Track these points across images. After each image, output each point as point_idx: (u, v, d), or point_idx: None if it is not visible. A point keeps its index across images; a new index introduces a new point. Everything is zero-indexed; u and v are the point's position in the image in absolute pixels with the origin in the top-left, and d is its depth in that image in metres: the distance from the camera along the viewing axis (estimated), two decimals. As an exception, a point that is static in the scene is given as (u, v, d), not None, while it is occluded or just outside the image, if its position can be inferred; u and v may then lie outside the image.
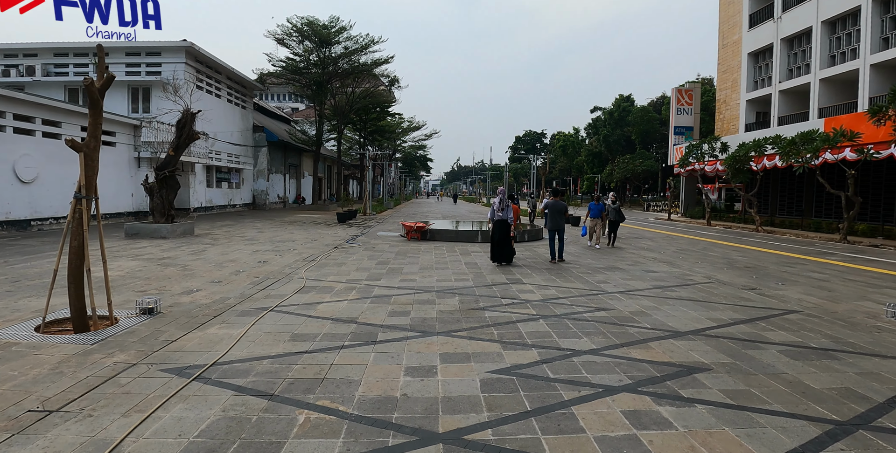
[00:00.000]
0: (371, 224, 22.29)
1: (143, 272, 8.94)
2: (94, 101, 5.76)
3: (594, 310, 6.66)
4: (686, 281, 9.23)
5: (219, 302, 6.87)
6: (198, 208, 25.14)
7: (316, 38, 32.73)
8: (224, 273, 9.07)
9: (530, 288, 8.08)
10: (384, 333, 5.42)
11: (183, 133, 14.19)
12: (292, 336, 5.31)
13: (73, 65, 24.90)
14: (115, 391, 3.93)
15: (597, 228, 14.39)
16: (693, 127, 34.61)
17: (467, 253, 12.53)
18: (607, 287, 8.35)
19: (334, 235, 16.51)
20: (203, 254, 11.30)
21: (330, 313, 6.29)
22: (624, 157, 57.41)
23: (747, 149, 22.00)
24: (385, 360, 4.57)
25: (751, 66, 28.52)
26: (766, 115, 28.03)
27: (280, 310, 6.45)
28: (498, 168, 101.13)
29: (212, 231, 16.80)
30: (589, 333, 5.48)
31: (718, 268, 10.90)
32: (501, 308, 6.65)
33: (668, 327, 5.87)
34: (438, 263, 10.68)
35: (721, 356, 4.84)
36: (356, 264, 10.40)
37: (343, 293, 7.51)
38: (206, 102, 26.35)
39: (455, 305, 6.76)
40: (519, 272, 9.73)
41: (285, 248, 12.70)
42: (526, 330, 5.58)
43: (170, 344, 5.07)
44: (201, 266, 9.77)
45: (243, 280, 8.48)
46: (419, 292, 7.62)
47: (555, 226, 11.33)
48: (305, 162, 40.65)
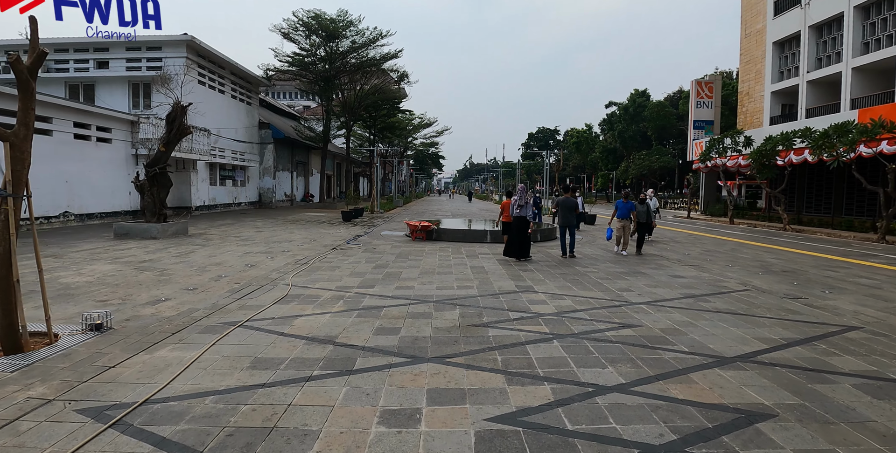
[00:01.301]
0: (377, 223, 21.41)
1: (115, 278, 8.12)
2: (22, 82, 4.88)
3: (618, 326, 5.65)
4: (719, 288, 8.17)
5: (184, 314, 5.99)
6: (200, 207, 24.48)
7: (323, 33, 31.90)
8: (203, 278, 8.21)
9: (543, 297, 7.09)
10: (364, 358, 4.48)
11: (173, 127, 13.39)
12: (253, 362, 4.40)
13: (73, 60, 24.34)
14: (6, 443, 3.04)
15: (625, 232, 12.16)
16: (713, 121, 33.20)
17: (474, 255, 11.56)
18: (631, 296, 7.33)
19: (335, 235, 15.64)
20: (188, 257, 10.47)
21: (306, 330, 5.37)
22: (640, 154, 55.91)
23: (775, 142, 20.70)
24: (357, 400, 3.63)
25: (776, 55, 27.10)
26: (793, 108, 26.60)
27: (250, 325, 5.54)
28: (510, 165, 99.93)
29: (207, 231, 16.03)
30: (614, 360, 4.49)
31: (753, 273, 9.80)
32: (508, 324, 5.67)
33: (710, 351, 4.86)
34: (441, 267, 9.73)
35: (784, 394, 3.83)
36: (351, 268, 9.49)
37: (328, 304, 6.59)
38: (208, 98, 25.70)
39: (454, 320, 5.80)
40: (530, 277, 8.74)
41: (279, 250, 11.84)
42: (537, 354, 4.61)
43: (105, 371, 4.19)
44: (181, 270, 8.93)
45: (222, 287, 7.60)
46: (415, 302, 6.67)
47: (566, 222, 11.52)
48: (314, 159, 39.91)
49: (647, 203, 12.55)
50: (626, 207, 12.10)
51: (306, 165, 39.48)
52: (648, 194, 14.24)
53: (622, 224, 12.15)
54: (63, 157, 16.38)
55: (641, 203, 12.60)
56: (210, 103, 25.91)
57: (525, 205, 10.74)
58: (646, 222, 12.53)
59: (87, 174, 17.32)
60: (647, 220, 12.58)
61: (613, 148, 66.05)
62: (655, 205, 14.91)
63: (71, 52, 24.34)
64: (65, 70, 24.37)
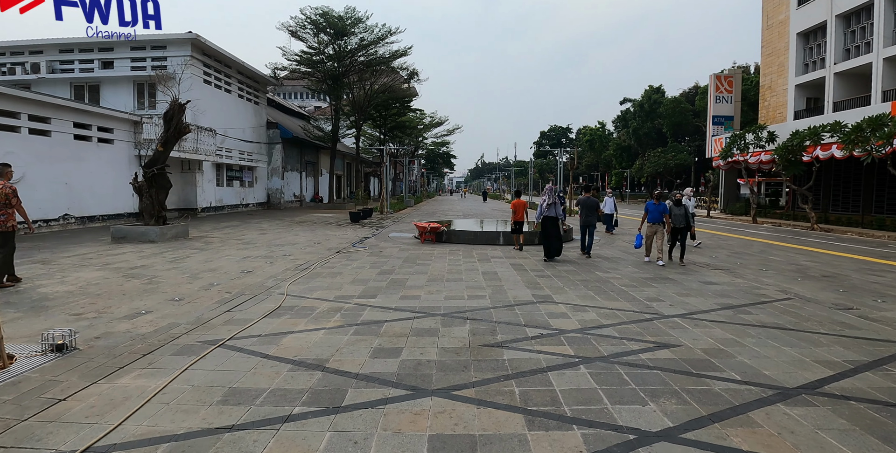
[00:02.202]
0: (386, 223, 20.76)
1: (98, 286, 7.53)
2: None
3: (653, 346, 4.90)
4: (758, 297, 7.37)
5: (162, 331, 5.35)
6: (206, 208, 24.03)
7: (331, 31, 31.33)
8: (193, 287, 7.60)
9: (563, 309, 6.35)
10: (357, 390, 3.79)
11: (171, 126, 12.84)
12: (226, 394, 3.74)
13: (78, 61, 24.03)
14: None
15: (657, 238, 10.34)
16: (733, 116, 32.10)
17: (486, 259, 10.83)
18: (662, 307, 6.56)
19: (342, 237, 15.00)
20: (183, 262, 9.88)
21: (295, 351, 4.70)
22: (655, 151, 54.75)
23: (802, 137, 19.69)
24: (343, 450, 2.94)
25: (800, 47, 25.99)
26: (818, 101, 25.48)
27: (232, 345, 4.89)
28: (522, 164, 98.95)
29: (210, 233, 15.48)
30: (656, 394, 3.75)
31: (791, 279, 8.97)
32: (526, 343, 4.95)
33: (767, 379, 4.10)
34: (451, 273, 9.02)
35: (872, 443, 3.07)
36: (353, 274, 8.82)
37: (324, 317, 5.92)
38: (215, 97, 25.27)
39: (464, 338, 5.10)
40: (548, 285, 8.00)
41: (280, 254, 11.22)
42: (562, 385, 3.88)
43: (52, 406, 3.55)
44: (172, 277, 8.33)
45: (211, 297, 6.97)
46: (420, 316, 5.98)
47: (587, 222, 11.37)
48: (323, 159, 39.41)
49: (685, 204, 10.65)
50: (658, 210, 10.21)
51: (315, 165, 39.00)
52: (686, 193, 12.49)
53: (654, 230, 10.31)
54: (63, 159, 15.94)
55: (677, 204, 10.42)
56: (216, 103, 25.49)
57: (554, 204, 10.74)
58: (684, 226, 10.44)
59: (88, 175, 16.88)
60: (686, 225, 10.47)
61: (627, 145, 64.86)
62: (693, 206, 13.11)
63: (76, 53, 24.03)
64: (70, 71, 24.06)
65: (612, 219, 17.02)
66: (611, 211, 17.07)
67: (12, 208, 7.27)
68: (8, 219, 7.24)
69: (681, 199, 10.52)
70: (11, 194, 7.24)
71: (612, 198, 17.36)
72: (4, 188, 7.20)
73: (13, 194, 7.26)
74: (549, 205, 10.79)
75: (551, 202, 10.81)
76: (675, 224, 10.38)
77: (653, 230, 10.37)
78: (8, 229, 7.25)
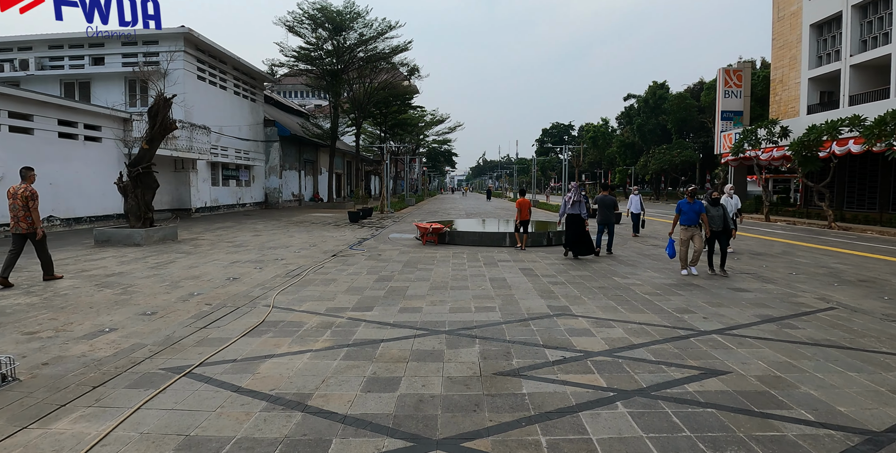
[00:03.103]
0: (386, 223, 20.02)
1: (66, 298, 6.79)
2: None
3: (698, 373, 4.15)
4: (798, 306, 6.61)
5: (123, 354, 4.62)
6: (201, 208, 23.30)
7: (329, 26, 30.54)
8: (171, 298, 6.86)
9: (584, 324, 5.59)
10: (343, 441, 3.04)
11: (156, 122, 12.10)
12: (181, 445, 2.99)
13: (68, 57, 23.31)
14: None
15: (695, 242, 8.71)
16: (742, 111, 31.26)
17: (493, 263, 10.08)
18: (695, 321, 5.80)
19: (339, 238, 14.26)
20: (166, 268, 9.15)
21: (273, 382, 3.95)
22: (660, 148, 53.86)
23: (819, 132, 18.88)
24: None
25: (813, 39, 25.12)
26: (833, 95, 24.64)
27: (200, 373, 4.15)
28: (524, 162, 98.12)
29: (201, 235, 14.75)
30: (718, 445, 2.99)
31: (826, 284, 8.20)
32: (548, 370, 4.20)
33: (845, 419, 3.35)
34: (456, 279, 8.27)
35: None
36: (349, 281, 8.07)
37: (311, 336, 5.17)
38: (209, 94, 24.53)
39: (474, 364, 4.35)
40: (564, 293, 7.24)
41: (272, 258, 10.48)
42: (599, 433, 3.13)
43: (-41, 465, 2.81)
44: (150, 286, 7.59)
45: (188, 309, 6.23)
46: (422, 334, 5.23)
47: (604, 220, 11.27)
48: (322, 157, 38.64)
49: (724, 203, 9.09)
50: (692, 210, 8.66)
51: (315, 164, 38.26)
52: (727, 190, 11.25)
53: (689, 233, 8.68)
54: (46, 158, 15.23)
55: (715, 204, 8.91)
56: (211, 99, 24.75)
57: (579, 203, 10.62)
58: (721, 230, 8.89)
59: (74, 175, 16.17)
60: (724, 228, 8.92)
61: (631, 142, 63.96)
62: (737, 205, 11.48)
63: (66, 48, 23.31)
64: (59, 67, 23.34)
65: (639, 219, 15.57)
66: (638, 210, 15.53)
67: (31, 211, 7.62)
68: (33, 221, 7.64)
69: (718, 198, 9.04)
70: (31, 197, 7.58)
71: (638, 197, 15.71)
72: (25, 191, 7.56)
73: (32, 197, 7.59)
74: (575, 203, 10.61)
75: (577, 200, 10.62)
76: (714, 226, 8.83)
77: (688, 234, 8.73)
78: (32, 230, 7.64)
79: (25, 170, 7.84)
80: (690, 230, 8.73)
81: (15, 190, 7.57)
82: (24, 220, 7.56)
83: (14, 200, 7.52)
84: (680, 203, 8.85)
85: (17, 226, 7.56)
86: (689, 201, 8.75)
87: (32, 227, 7.60)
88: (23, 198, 7.51)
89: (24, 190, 7.54)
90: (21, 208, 7.52)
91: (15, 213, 7.55)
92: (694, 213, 8.68)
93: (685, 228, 8.77)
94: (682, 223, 8.80)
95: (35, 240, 7.68)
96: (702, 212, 8.69)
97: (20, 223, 7.55)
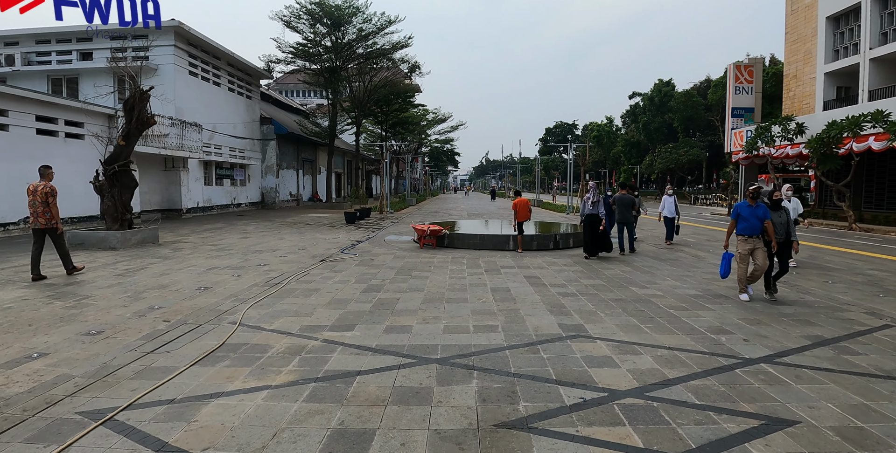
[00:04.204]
0: (384, 225, 19.14)
1: (7, 313, 5.93)
2: None
3: (757, 423, 3.24)
4: (849, 324, 5.69)
5: (41, 390, 3.75)
6: (193, 209, 22.45)
7: (328, 21, 29.65)
8: (126, 312, 5.99)
9: (605, 349, 4.68)
10: None
11: (133, 117, 11.24)
12: None
13: (55, 52, 22.54)
14: None
15: (757, 258, 6.76)
16: (754, 108, 30.25)
17: (495, 269, 9.17)
18: (735, 344, 4.89)
19: (332, 241, 13.39)
20: (134, 276, 8.28)
21: (208, 437, 3.06)
22: (667, 146, 52.87)
23: (840, 128, 17.90)
24: None
25: (829, 32, 24.11)
26: (851, 90, 23.63)
27: (123, 420, 3.26)
28: (528, 161, 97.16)
29: (185, 238, 13.89)
30: None
31: (870, 294, 7.28)
32: (565, 420, 3.29)
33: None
34: (453, 289, 7.38)
35: None
36: (333, 292, 7.19)
37: (275, 365, 4.28)
38: (202, 90, 23.67)
39: (469, 410, 3.44)
40: (576, 307, 6.33)
41: (253, 263, 9.61)
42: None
43: None
44: (108, 297, 6.73)
45: (141, 327, 5.36)
46: (409, 363, 4.33)
47: (623, 220, 11.14)
48: (321, 156, 37.77)
49: (785, 207, 7.42)
50: (755, 215, 6.74)
51: (314, 163, 37.41)
52: (784, 192, 9.33)
53: (750, 246, 6.80)
54: (23, 156, 14.41)
55: (776, 207, 7.01)
56: (204, 96, 23.91)
57: (598, 202, 10.42)
58: (784, 241, 7.05)
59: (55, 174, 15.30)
60: (787, 238, 7.07)
61: (637, 141, 63.01)
62: (798, 209, 9.72)
63: (53, 43, 22.54)
64: (47, 63, 22.57)
65: (673, 224, 13.02)
66: (672, 214, 12.87)
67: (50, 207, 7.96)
68: (52, 217, 7.97)
69: (780, 200, 7.18)
70: (50, 194, 7.94)
71: (672, 198, 12.94)
72: (45, 187, 7.93)
73: (52, 194, 7.97)
74: (594, 203, 10.43)
75: (596, 200, 10.44)
76: (778, 237, 6.93)
77: (749, 247, 6.81)
78: (53, 226, 7.96)
79: (44, 168, 8.25)
80: (751, 242, 6.81)
81: (35, 187, 7.93)
82: (42, 216, 7.91)
83: (34, 197, 7.90)
84: (738, 206, 6.93)
85: (37, 221, 7.92)
86: (750, 204, 6.81)
87: (51, 223, 7.92)
88: (42, 195, 7.88)
89: (43, 186, 7.92)
90: (41, 204, 7.89)
91: (35, 209, 7.92)
92: (757, 220, 6.75)
93: (744, 239, 6.84)
94: (740, 232, 6.89)
95: (54, 235, 8.00)
96: (766, 218, 6.79)
97: (39, 218, 7.91)
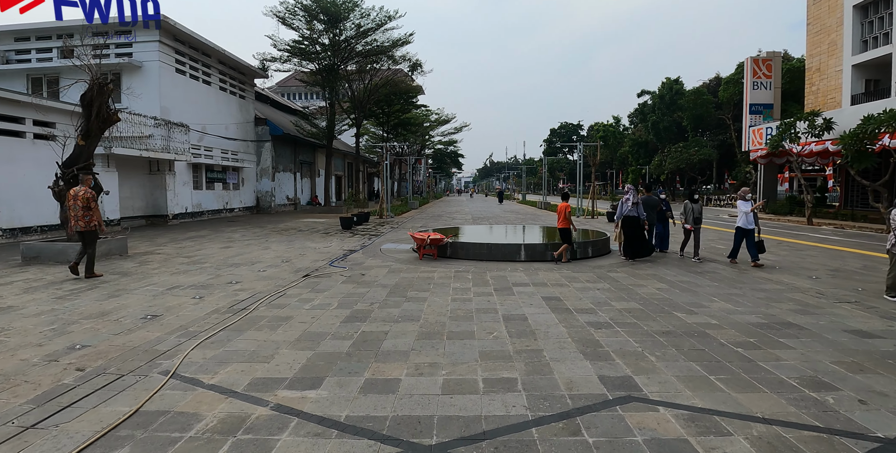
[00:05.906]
0: (383, 230, 17.74)
1: None
2: None
3: None
4: None
5: None
6: (181, 214, 21.14)
7: (325, 17, 28.35)
8: (35, 355, 4.63)
9: (674, 425, 3.27)
10: None
11: (91, 113, 9.93)
12: None
13: (35, 50, 21.34)
14: None
15: None
16: (773, 104, 28.79)
17: (507, 288, 7.76)
18: (850, 408, 3.47)
19: (322, 251, 12.02)
20: (76, 298, 6.93)
21: None
22: (676, 146, 51.29)
23: (878, 122, 16.43)
24: None
25: (857, 21, 22.63)
26: (881, 83, 22.13)
27: None
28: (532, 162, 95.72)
29: (160, 248, 12.55)
30: None
31: (976, 320, 5.83)
32: None
33: None
34: (456, 318, 5.97)
35: None
36: (307, 321, 5.80)
37: (193, 457, 2.90)
38: (189, 89, 22.39)
39: None
40: (619, 348, 4.91)
41: (224, 280, 8.24)
42: None
43: None
44: (27, 331, 5.37)
45: (42, 380, 3.99)
46: None
47: (648, 221, 10.90)
48: (320, 159, 36.44)
49: None
50: None
51: (312, 166, 36.09)
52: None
53: None
54: (4, 160, 13.16)
55: None
56: (192, 95, 22.63)
57: (637, 204, 10.41)
58: None
59: (21, 179, 14.07)
60: None
61: (644, 141, 61.47)
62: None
63: (33, 40, 21.34)
64: (26, 61, 21.37)
65: (751, 237, 9.82)
66: (750, 224, 9.77)
67: (91, 210, 8.34)
68: (91, 219, 8.33)
69: None
70: (91, 198, 8.36)
71: (749, 204, 9.84)
72: (86, 193, 8.34)
73: (93, 198, 8.39)
74: (634, 205, 10.34)
75: (635, 201, 10.36)
76: None
77: None
78: (91, 228, 8.35)
79: (83, 174, 9.03)
80: None
81: (75, 192, 8.34)
82: (82, 219, 8.25)
83: (74, 201, 8.29)
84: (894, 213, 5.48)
85: (77, 224, 8.27)
86: None
87: (90, 225, 8.27)
88: (83, 200, 8.27)
89: (83, 192, 8.31)
90: (81, 208, 8.25)
91: (75, 213, 8.27)
92: None
93: None
94: None
95: (93, 237, 8.37)
96: None
97: (79, 222, 8.25)
